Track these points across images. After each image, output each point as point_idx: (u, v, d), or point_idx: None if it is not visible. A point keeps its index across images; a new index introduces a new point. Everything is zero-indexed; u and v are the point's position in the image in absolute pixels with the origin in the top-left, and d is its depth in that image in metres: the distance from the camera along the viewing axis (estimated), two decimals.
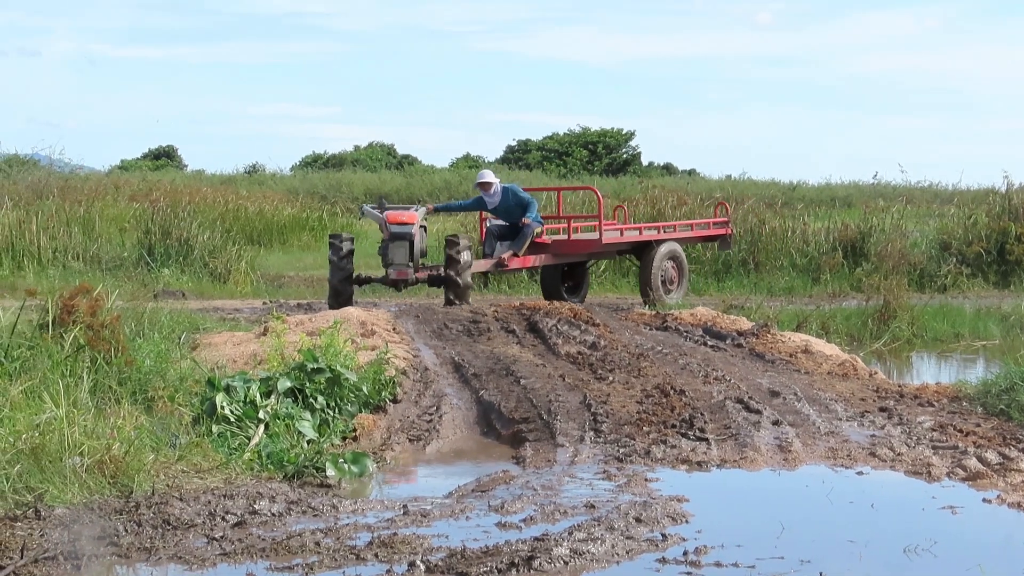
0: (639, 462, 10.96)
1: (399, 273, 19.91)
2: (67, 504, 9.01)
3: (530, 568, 7.90)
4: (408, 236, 19.97)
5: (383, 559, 8.12)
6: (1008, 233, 29.11)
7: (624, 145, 77.22)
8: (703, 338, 16.17)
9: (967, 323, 21.14)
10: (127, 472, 9.51)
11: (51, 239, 27.47)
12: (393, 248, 19.99)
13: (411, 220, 20.11)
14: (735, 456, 11.22)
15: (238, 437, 11.21)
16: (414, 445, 11.97)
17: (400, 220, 20.09)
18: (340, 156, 76.64)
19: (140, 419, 10.69)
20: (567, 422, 12.08)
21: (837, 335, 19.38)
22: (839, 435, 11.94)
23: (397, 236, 19.94)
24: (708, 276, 27.37)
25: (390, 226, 20.06)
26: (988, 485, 10.27)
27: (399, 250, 19.93)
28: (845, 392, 13.72)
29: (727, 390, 13.21)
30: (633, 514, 9.04)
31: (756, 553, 8.27)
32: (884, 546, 8.60)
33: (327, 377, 12.44)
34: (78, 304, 12.44)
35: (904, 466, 10.93)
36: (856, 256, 28.67)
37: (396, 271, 19.94)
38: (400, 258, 19.91)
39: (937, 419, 12.69)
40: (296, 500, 9.57)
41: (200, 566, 8.05)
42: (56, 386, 10.41)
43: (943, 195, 44.21)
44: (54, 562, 8.00)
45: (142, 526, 8.67)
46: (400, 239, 19.93)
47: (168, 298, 21.45)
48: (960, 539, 8.83)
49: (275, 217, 37.92)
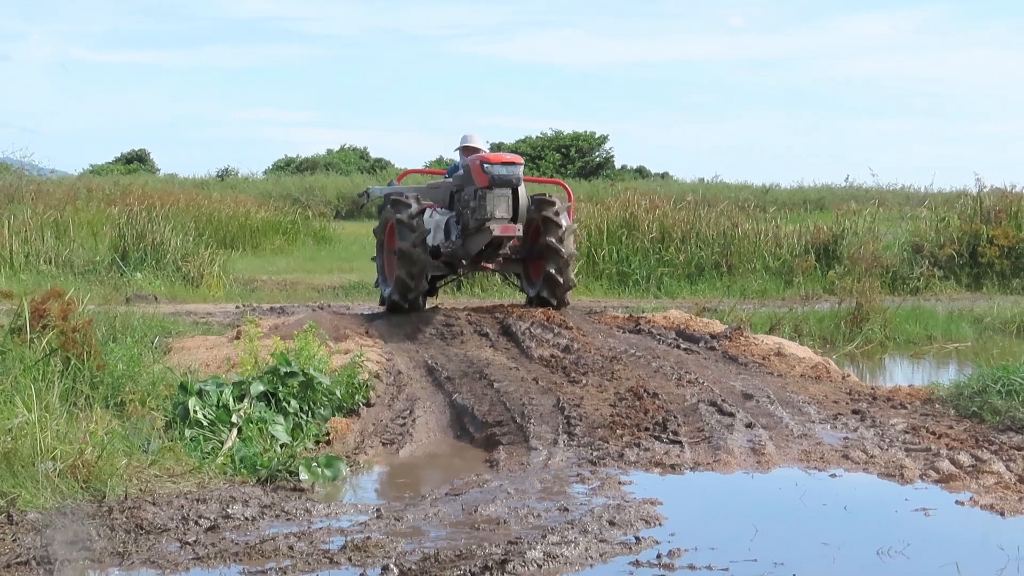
0: (612, 465, 10.98)
1: (505, 229, 15.88)
2: (40, 509, 9.00)
3: (503, 571, 7.90)
4: (515, 181, 15.99)
5: (356, 563, 8.12)
6: (980, 235, 29.22)
7: (597, 148, 77.36)
8: (676, 341, 16.19)
9: (940, 325, 21.22)
10: (100, 476, 9.50)
11: (23, 243, 27.40)
12: (493, 197, 15.81)
13: (517, 161, 16.28)
14: (708, 459, 11.24)
15: (211, 441, 11.22)
16: (387, 449, 11.97)
17: (504, 160, 16.08)
18: (313, 159, 76.71)
19: (112, 423, 10.69)
20: (540, 425, 12.09)
21: (810, 337, 19.45)
22: (812, 438, 11.97)
23: (500, 181, 15.83)
24: (681, 279, 27.39)
25: (490, 167, 15.83)
26: (961, 487, 10.31)
27: (501, 200, 15.87)
28: (818, 395, 13.75)
29: (700, 393, 13.23)
30: (607, 517, 9.06)
31: (730, 555, 8.30)
32: (857, 548, 8.63)
33: (300, 381, 12.45)
34: (50, 308, 12.41)
35: (877, 468, 10.96)
36: (829, 259, 28.74)
37: (500, 226, 15.86)
38: (502, 210, 15.87)
39: (910, 421, 12.73)
40: (269, 504, 9.56)
41: (173, 570, 8.05)
42: (28, 390, 10.40)
43: (915, 198, 44.37)
44: (27, 567, 8.00)
45: (115, 531, 8.67)
46: (503, 185, 15.89)
47: (141, 302, 21.42)
48: (933, 541, 8.86)
49: (248, 221, 37.92)
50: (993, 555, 8.35)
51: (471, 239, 16.32)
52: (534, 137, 76.83)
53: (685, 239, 28.88)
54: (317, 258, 34.89)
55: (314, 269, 31.50)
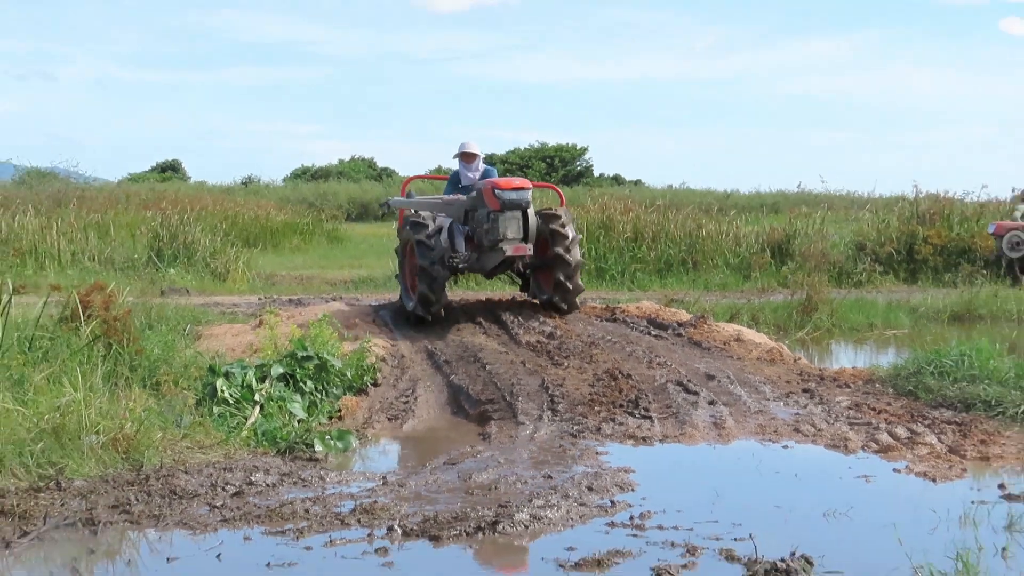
0: (591, 438, 10.99)
1: (517, 249, 15.53)
2: (85, 477, 9.01)
3: (495, 531, 7.93)
4: (524, 204, 15.60)
5: (365, 524, 8.13)
6: (916, 236, 29.24)
7: (578, 158, 77.22)
8: (648, 328, 16.16)
9: (880, 314, 21.21)
10: (138, 448, 9.51)
11: (69, 243, 27.38)
12: (505, 220, 15.51)
13: (526, 186, 15.79)
14: (675, 432, 11.25)
15: (236, 417, 11.22)
16: (392, 423, 11.96)
17: (513, 186, 15.65)
18: (326, 168, 76.47)
19: (149, 401, 10.69)
20: (527, 403, 12.09)
21: (765, 325, 19.43)
22: (767, 413, 11.99)
23: (510, 205, 15.49)
24: (652, 273, 27.34)
25: (501, 192, 15.49)
26: (898, 457, 10.33)
27: (512, 222, 15.54)
28: (772, 375, 13.76)
29: (668, 374, 13.23)
30: (585, 483, 9.07)
31: (694, 517, 8.31)
32: (807, 510, 8.65)
33: (315, 364, 12.45)
34: (94, 300, 12.41)
35: (824, 440, 10.98)
36: (782, 256, 28.71)
37: (513, 247, 15.52)
38: (514, 231, 15.54)
39: (853, 399, 12.75)
40: (288, 472, 9.56)
41: (203, 531, 8.05)
42: (74, 372, 10.39)
43: (859, 202, 44.24)
44: (73, 528, 8.02)
45: (151, 496, 8.68)
46: (513, 208, 15.53)
47: (174, 294, 21.41)
48: (873, 504, 8.87)
49: (268, 223, 37.94)
50: (926, 516, 8.37)
51: (486, 256, 16.01)
52: (522, 149, 76.65)
53: (655, 239, 28.86)
54: (330, 256, 34.84)
55: (327, 265, 31.46)
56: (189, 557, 7.56)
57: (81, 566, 7.36)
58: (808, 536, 7.81)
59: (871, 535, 8.03)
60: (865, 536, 8.06)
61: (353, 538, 7.85)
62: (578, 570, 7.23)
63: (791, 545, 7.35)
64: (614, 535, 7.96)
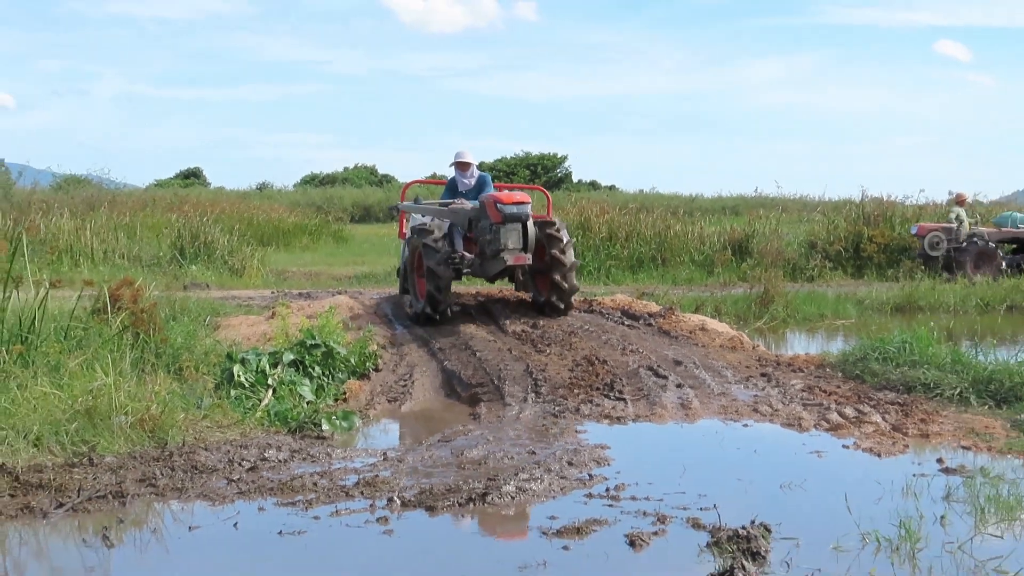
0: (570, 417, 10.98)
1: (517, 259, 15.21)
2: (115, 453, 8.99)
3: (484, 502, 7.93)
4: (523, 217, 15.23)
5: (367, 496, 8.12)
6: (862, 235, 29.39)
7: (559, 166, 77.16)
8: (621, 319, 16.15)
9: (830, 306, 21.26)
10: (163, 428, 9.49)
11: (101, 242, 27.28)
12: (506, 232, 15.18)
13: (526, 200, 15.40)
14: (646, 412, 11.25)
15: (251, 399, 11.20)
16: (392, 405, 11.95)
17: (515, 200, 15.27)
18: (332, 175, 76.36)
19: (173, 385, 10.68)
20: (513, 386, 12.08)
21: (727, 316, 19.43)
22: (729, 395, 11.99)
23: (511, 218, 15.15)
24: (625, 269, 27.35)
25: (503, 207, 15.12)
26: (846, 434, 10.35)
27: (512, 234, 15.21)
28: (734, 361, 13.76)
29: (640, 360, 13.22)
30: (566, 459, 9.06)
31: (663, 489, 8.30)
32: (765, 483, 8.65)
33: (322, 351, 12.44)
34: (123, 293, 12.39)
35: (780, 419, 10.98)
36: (742, 253, 28.76)
37: (513, 256, 15.19)
38: (514, 242, 15.21)
39: (806, 382, 12.76)
40: (298, 449, 9.55)
41: (221, 502, 8.04)
42: (105, 359, 10.38)
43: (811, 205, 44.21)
44: (105, 500, 8.00)
45: (175, 470, 8.66)
46: (513, 220, 15.17)
47: (195, 289, 21.36)
48: (825, 477, 8.88)
49: (280, 224, 37.98)
50: (872, 488, 8.38)
51: (488, 263, 15.58)
52: (508, 157, 76.54)
53: (628, 238, 28.90)
54: (336, 254, 34.81)
55: (334, 263, 31.42)
56: (209, 526, 7.55)
57: (111, 534, 7.34)
58: (766, 506, 7.81)
59: (823, 505, 8.03)
60: (818, 506, 8.06)
61: (356, 508, 7.84)
62: (559, 537, 7.21)
63: (751, 514, 7.35)
64: (592, 505, 7.95)
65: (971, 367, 12.53)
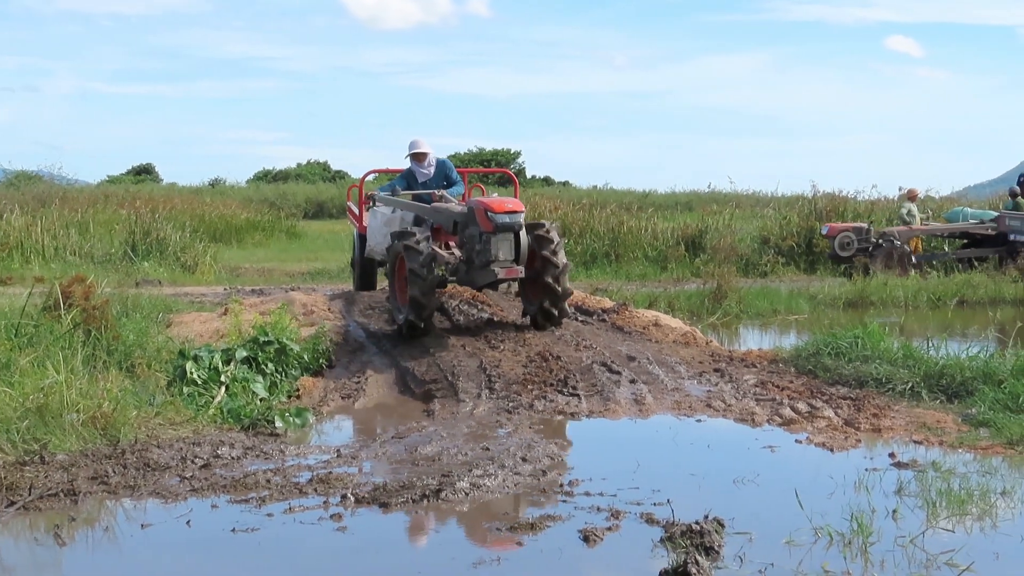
0: (524, 413, 10.98)
1: (509, 271, 13.95)
2: (66, 452, 8.94)
3: (438, 498, 7.93)
4: (516, 227, 14.00)
5: (321, 492, 8.11)
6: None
7: (512, 161, 77.09)
8: (575, 314, 16.15)
9: (783, 301, 21.34)
10: (115, 425, 9.45)
11: (52, 239, 27.09)
12: (497, 242, 13.92)
13: (519, 208, 14.16)
14: (600, 408, 11.27)
15: (204, 396, 11.15)
16: (346, 401, 11.93)
17: (506, 208, 14.00)
18: (285, 171, 75.99)
19: (125, 383, 10.65)
20: (467, 382, 12.08)
21: (680, 311, 19.47)
22: (682, 391, 12.02)
23: (503, 228, 13.90)
24: (579, 265, 27.34)
25: (494, 215, 13.87)
26: (799, 429, 10.40)
27: (504, 244, 13.97)
28: (687, 357, 13.78)
29: (594, 356, 13.23)
30: (520, 455, 9.07)
31: (617, 485, 8.32)
32: (718, 478, 8.68)
33: (276, 348, 12.41)
34: (75, 290, 12.33)
35: (733, 415, 11.03)
36: (695, 249, 28.82)
37: (505, 269, 13.91)
38: (506, 253, 13.95)
39: (759, 377, 12.81)
40: (251, 446, 9.52)
41: (174, 500, 8.02)
42: (57, 357, 10.32)
43: (763, 201, 44.40)
44: (56, 498, 7.97)
45: (127, 468, 8.62)
46: (506, 230, 13.92)
47: (147, 285, 21.20)
48: (778, 471, 8.93)
49: (233, 220, 37.84)
50: (824, 482, 8.42)
51: (476, 273, 14.29)
52: (461, 153, 76.38)
53: (582, 234, 28.97)
54: (289, 250, 34.69)
55: (287, 259, 31.33)
56: (161, 524, 7.53)
57: (63, 533, 7.31)
58: (720, 501, 7.83)
59: (776, 499, 8.06)
60: (771, 500, 8.10)
61: (310, 505, 7.83)
62: (513, 532, 7.23)
63: (705, 509, 7.38)
64: (546, 501, 7.97)
65: (923, 362, 12.62)
